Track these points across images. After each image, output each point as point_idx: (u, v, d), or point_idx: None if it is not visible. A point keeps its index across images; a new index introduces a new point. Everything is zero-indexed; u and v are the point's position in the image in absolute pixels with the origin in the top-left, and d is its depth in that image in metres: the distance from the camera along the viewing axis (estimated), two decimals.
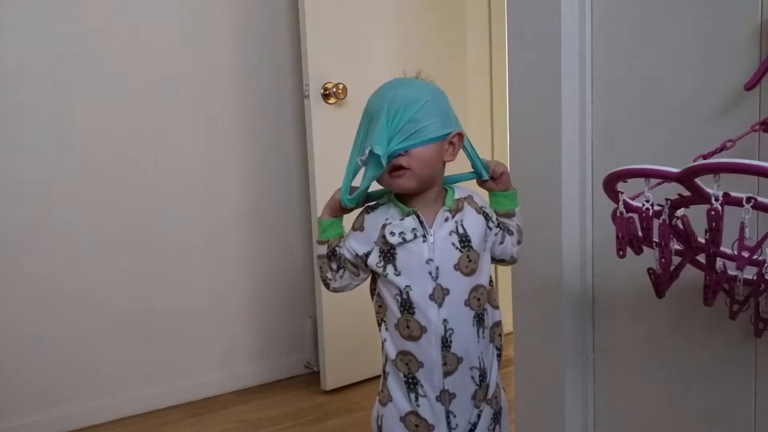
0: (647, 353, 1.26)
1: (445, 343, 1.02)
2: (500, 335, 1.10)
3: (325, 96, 2.03)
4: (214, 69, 2.13)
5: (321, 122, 2.05)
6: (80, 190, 1.94)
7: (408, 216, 1.03)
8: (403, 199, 1.06)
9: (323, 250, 1.09)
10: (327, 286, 1.11)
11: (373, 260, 1.04)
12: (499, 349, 1.10)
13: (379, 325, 1.10)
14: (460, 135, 1.05)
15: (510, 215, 1.11)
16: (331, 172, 2.09)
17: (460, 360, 1.03)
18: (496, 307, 1.09)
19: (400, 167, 1.00)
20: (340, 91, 2.03)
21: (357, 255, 1.06)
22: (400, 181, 1.01)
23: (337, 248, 1.08)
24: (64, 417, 1.94)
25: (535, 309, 1.39)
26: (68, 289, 1.94)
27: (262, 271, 2.28)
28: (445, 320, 1.02)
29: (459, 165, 1.09)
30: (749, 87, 0.99)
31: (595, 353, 1.35)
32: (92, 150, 1.94)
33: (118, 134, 1.98)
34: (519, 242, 1.14)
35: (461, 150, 1.06)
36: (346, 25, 2.09)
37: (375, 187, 1.05)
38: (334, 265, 1.08)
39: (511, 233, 1.12)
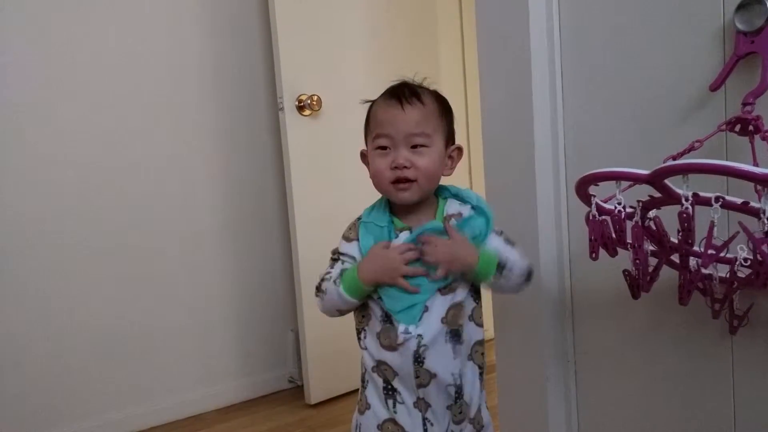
0: (627, 353, 1.27)
1: (418, 359, 1.02)
2: (482, 354, 1.08)
3: (300, 108, 2.03)
4: (186, 83, 2.12)
5: (297, 134, 2.04)
6: (52, 207, 1.90)
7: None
8: (395, 207, 1.07)
9: (343, 304, 1.06)
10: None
11: None
12: (480, 367, 1.08)
13: (359, 334, 1.10)
14: (460, 149, 1.07)
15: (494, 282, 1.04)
16: (308, 183, 2.09)
17: (433, 375, 1.03)
18: (480, 325, 1.08)
19: (406, 179, 1.01)
20: (314, 102, 2.02)
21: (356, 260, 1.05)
22: (405, 194, 1.03)
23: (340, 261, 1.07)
24: None
25: (515, 313, 1.40)
26: (41, 308, 1.90)
27: (241, 285, 2.26)
28: (419, 336, 1.01)
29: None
30: (714, 88, 1.01)
31: (576, 355, 1.36)
32: (63, 168, 1.91)
33: (89, 150, 1.95)
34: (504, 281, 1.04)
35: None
36: (318, 37, 2.09)
37: None
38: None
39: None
